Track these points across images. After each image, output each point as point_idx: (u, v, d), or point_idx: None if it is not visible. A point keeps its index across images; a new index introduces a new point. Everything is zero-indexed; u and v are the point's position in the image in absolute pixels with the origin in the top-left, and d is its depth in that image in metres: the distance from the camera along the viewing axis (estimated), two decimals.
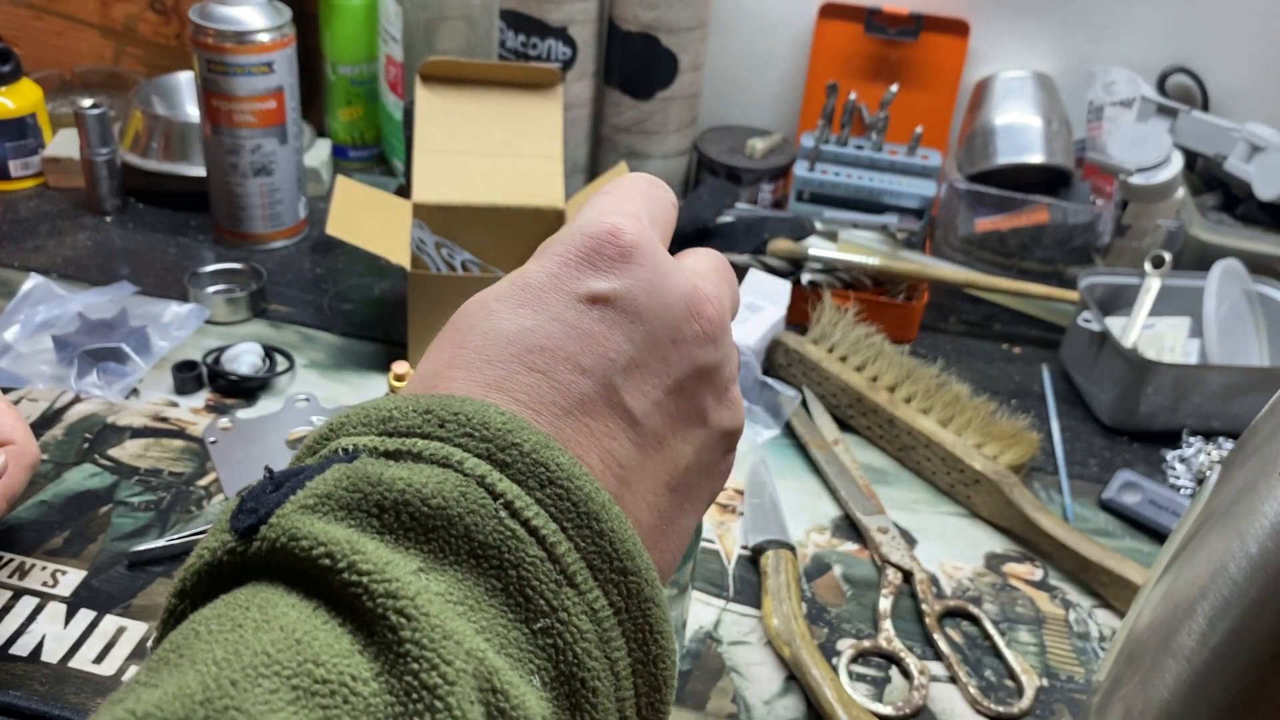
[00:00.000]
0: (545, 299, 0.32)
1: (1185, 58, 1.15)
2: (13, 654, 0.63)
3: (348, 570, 0.25)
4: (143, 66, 1.25)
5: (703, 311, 0.33)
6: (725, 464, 0.36)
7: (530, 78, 0.97)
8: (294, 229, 1.06)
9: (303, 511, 0.27)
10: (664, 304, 0.32)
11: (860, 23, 1.17)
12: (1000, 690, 0.67)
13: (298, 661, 0.24)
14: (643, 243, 0.33)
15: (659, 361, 0.32)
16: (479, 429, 0.28)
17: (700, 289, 0.33)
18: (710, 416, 0.34)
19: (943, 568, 0.76)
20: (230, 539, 0.27)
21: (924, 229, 1.10)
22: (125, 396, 0.84)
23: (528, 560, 0.27)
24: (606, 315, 0.32)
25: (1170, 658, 0.45)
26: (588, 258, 0.32)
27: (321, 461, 0.29)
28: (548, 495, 0.28)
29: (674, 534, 0.34)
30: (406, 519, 0.27)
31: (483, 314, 0.32)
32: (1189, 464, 0.87)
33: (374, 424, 0.29)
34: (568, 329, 0.31)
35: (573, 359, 0.31)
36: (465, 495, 0.27)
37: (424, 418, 0.29)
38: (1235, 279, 0.97)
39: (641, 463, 0.32)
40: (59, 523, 0.72)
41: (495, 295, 0.33)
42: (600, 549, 0.28)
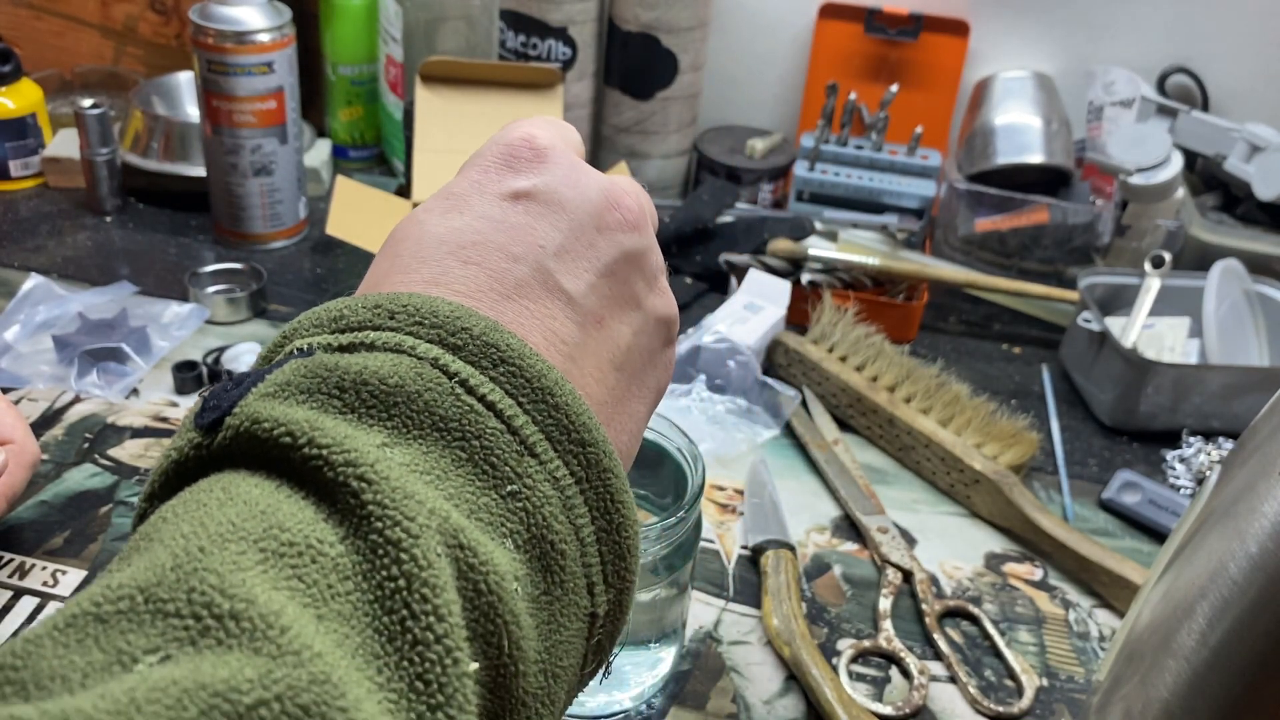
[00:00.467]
0: (470, 201, 0.34)
1: (1185, 58, 1.15)
2: None
3: (307, 445, 0.26)
4: (143, 66, 1.25)
5: (621, 201, 0.35)
6: (666, 355, 0.37)
7: (530, 78, 0.97)
8: (294, 229, 1.06)
9: (264, 399, 0.27)
10: (584, 195, 0.34)
11: (860, 23, 1.17)
12: (1000, 690, 0.67)
13: (263, 528, 0.25)
14: (556, 144, 0.35)
15: (586, 247, 0.34)
16: (428, 317, 0.29)
17: (617, 183, 0.36)
18: (644, 300, 0.36)
19: (942, 567, 0.76)
20: (195, 435, 0.28)
21: (924, 229, 1.10)
22: (125, 396, 0.84)
23: (489, 431, 0.28)
24: (531, 208, 0.34)
25: (1170, 657, 0.45)
26: (506, 161, 0.35)
27: (279, 361, 0.29)
28: (501, 374, 0.29)
29: (627, 416, 0.35)
30: (367, 397, 0.28)
31: (413, 225, 0.34)
32: (1189, 464, 0.87)
33: (325, 324, 0.30)
34: (495, 224, 0.33)
35: (504, 249, 0.33)
36: (421, 375, 0.28)
37: (374, 312, 0.30)
38: (1235, 279, 0.97)
39: (583, 341, 0.33)
40: (59, 523, 0.72)
41: (423, 208, 0.35)
42: (557, 421, 0.29)
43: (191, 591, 0.23)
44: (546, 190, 0.34)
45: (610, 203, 0.35)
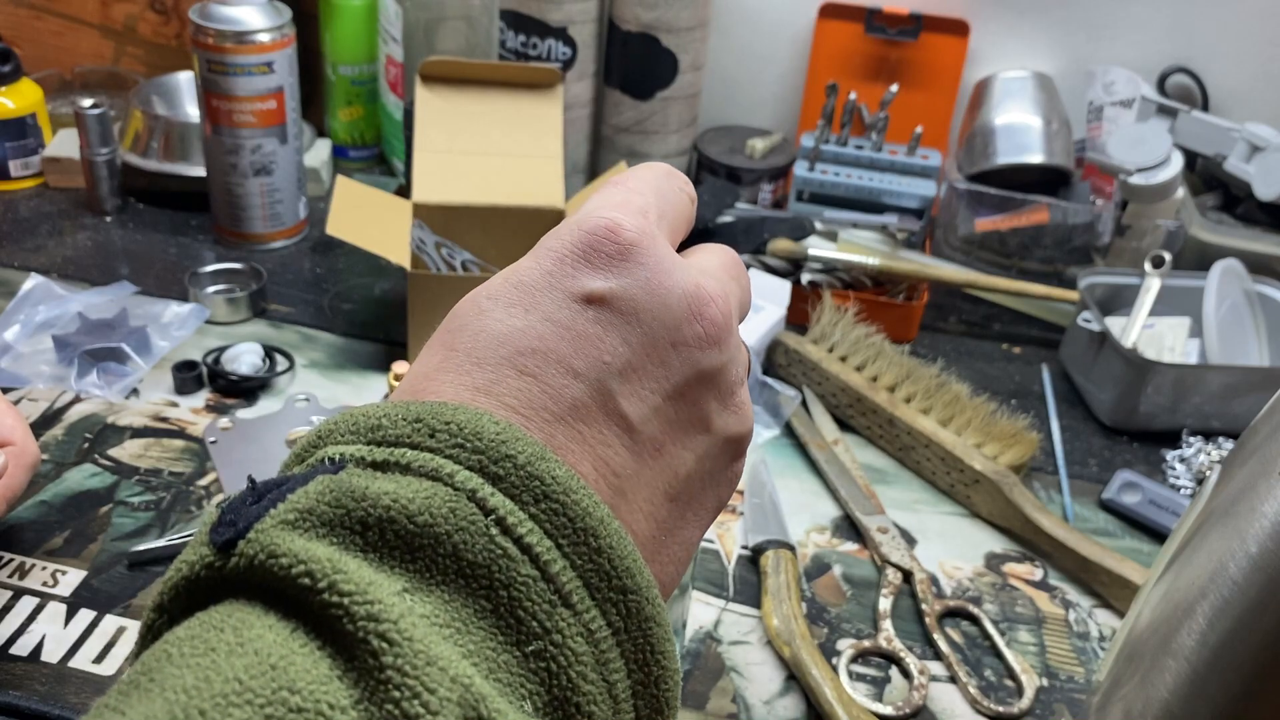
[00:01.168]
0: (538, 298, 0.30)
1: (1185, 58, 1.15)
2: (13, 654, 0.63)
3: (328, 590, 0.24)
4: (143, 66, 1.25)
5: (705, 312, 0.31)
6: (732, 471, 0.34)
7: (530, 78, 0.97)
8: (294, 229, 1.06)
9: (283, 527, 0.25)
10: (663, 304, 0.31)
11: (860, 23, 1.17)
12: (1000, 690, 0.67)
13: (272, 689, 0.23)
14: (643, 240, 0.31)
15: (657, 365, 0.31)
16: (471, 439, 0.27)
17: (704, 288, 0.32)
18: (714, 422, 0.32)
19: (942, 567, 0.76)
20: (208, 553, 0.26)
21: (924, 229, 1.10)
22: (125, 396, 0.84)
23: (519, 580, 0.26)
24: (602, 316, 0.30)
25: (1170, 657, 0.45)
26: (584, 255, 0.31)
27: (306, 471, 0.27)
28: (542, 510, 0.27)
29: (675, 545, 0.32)
30: (391, 537, 0.26)
31: (474, 314, 0.31)
32: (1189, 464, 0.87)
33: (362, 432, 0.28)
34: (560, 330, 0.30)
35: (565, 361, 0.30)
36: (455, 511, 0.26)
37: (414, 426, 0.28)
38: (1235, 279, 0.97)
39: (638, 471, 0.30)
40: (59, 523, 0.72)
41: (488, 293, 0.31)
42: (598, 566, 0.27)
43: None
44: (623, 296, 0.30)
45: (692, 313, 0.31)
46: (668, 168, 0.36)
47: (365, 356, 0.91)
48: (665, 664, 0.29)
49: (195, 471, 0.77)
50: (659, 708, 0.29)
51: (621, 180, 0.35)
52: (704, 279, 0.32)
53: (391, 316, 0.96)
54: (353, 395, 0.86)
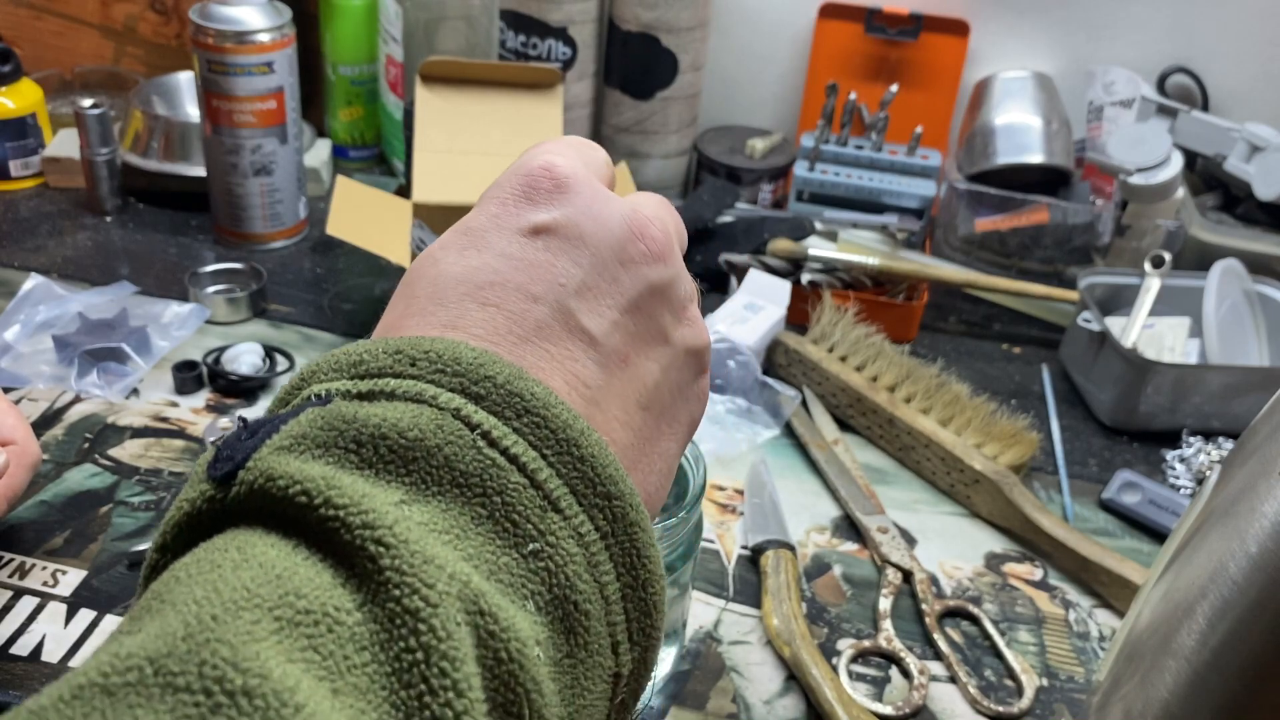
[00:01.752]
0: (488, 238, 0.32)
1: (1185, 58, 1.15)
2: (13, 654, 0.63)
3: (324, 505, 0.25)
4: (143, 66, 1.25)
5: (646, 231, 0.33)
6: (699, 386, 0.36)
7: (530, 78, 0.97)
8: (294, 229, 1.06)
9: (278, 453, 0.27)
10: (606, 227, 0.33)
11: (860, 23, 1.17)
12: (1000, 690, 0.67)
13: (279, 594, 0.24)
14: (577, 173, 0.33)
15: (609, 282, 0.33)
16: (450, 364, 0.28)
17: (640, 211, 0.34)
18: (672, 334, 0.34)
19: (942, 567, 0.76)
20: (208, 487, 0.27)
21: (924, 229, 1.10)
22: (125, 396, 0.84)
23: (510, 487, 0.27)
24: (551, 244, 0.32)
25: (1170, 657, 0.45)
26: (525, 194, 0.33)
27: (295, 408, 0.29)
28: (525, 424, 0.28)
29: (654, 456, 0.34)
30: (385, 452, 0.27)
31: (429, 264, 0.33)
32: (1189, 464, 0.87)
33: (344, 368, 0.29)
34: (514, 262, 0.32)
35: (523, 288, 0.31)
36: (442, 427, 0.27)
37: (394, 358, 0.29)
38: (1235, 279, 0.97)
39: (608, 382, 0.32)
40: (59, 523, 0.72)
41: (439, 244, 0.33)
42: (582, 474, 0.28)
43: (203, 665, 0.22)
44: (567, 224, 0.32)
45: (634, 233, 0.33)
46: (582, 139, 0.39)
47: None
48: (651, 568, 0.30)
49: None
50: (647, 610, 0.30)
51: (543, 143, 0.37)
52: (639, 206, 0.35)
53: None
54: None
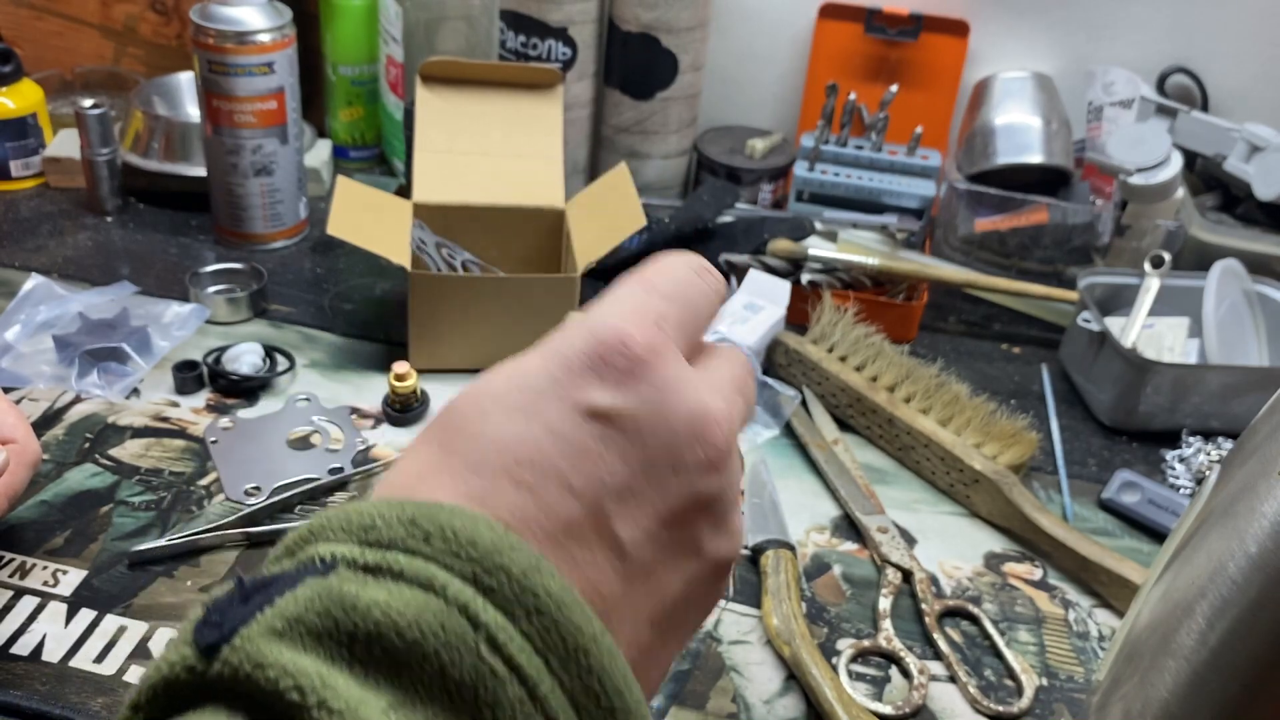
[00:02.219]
0: (541, 405, 0.30)
1: (1184, 58, 1.15)
2: (13, 653, 0.63)
3: (317, 707, 0.24)
4: (143, 67, 1.25)
5: (708, 436, 0.31)
6: (716, 591, 0.34)
7: (530, 78, 0.97)
8: (295, 229, 1.07)
9: (270, 635, 0.25)
10: (668, 426, 0.30)
11: (860, 23, 1.17)
12: (1000, 690, 0.67)
13: None
14: (653, 356, 0.30)
15: (655, 488, 0.30)
16: (466, 546, 0.27)
17: (709, 411, 0.31)
18: (705, 547, 0.32)
19: (942, 567, 0.76)
20: (190, 654, 0.25)
21: (923, 229, 1.10)
22: (126, 396, 0.84)
23: (505, 701, 0.26)
24: (604, 433, 0.30)
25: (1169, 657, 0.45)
26: (593, 365, 0.30)
27: (296, 569, 0.27)
28: (534, 626, 0.26)
29: (654, 669, 0.32)
30: (379, 652, 0.25)
31: (475, 413, 0.30)
32: (1188, 464, 0.87)
33: (354, 531, 0.27)
34: (561, 443, 0.29)
35: (563, 477, 0.29)
36: (444, 626, 0.26)
37: (408, 529, 0.27)
38: (1234, 279, 0.97)
39: (625, 595, 0.30)
40: (60, 522, 0.72)
41: (491, 392, 0.31)
42: (587, 686, 0.27)
43: None
44: (628, 416, 0.30)
45: (695, 436, 0.31)
46: (700, 263, 0.35)
47: (366, 356, 0.91)
48: None
49: (196, 471, 0.78)
50: None
51: (646, 276, 0.34)
52: (711, 399, 0.32)
53: (392, 316, 0.96)
54: (353, 395, 0.86)
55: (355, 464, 0.79)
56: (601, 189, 0.94)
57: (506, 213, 0.95)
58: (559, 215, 0.95)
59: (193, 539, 0.71)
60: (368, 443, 0.82)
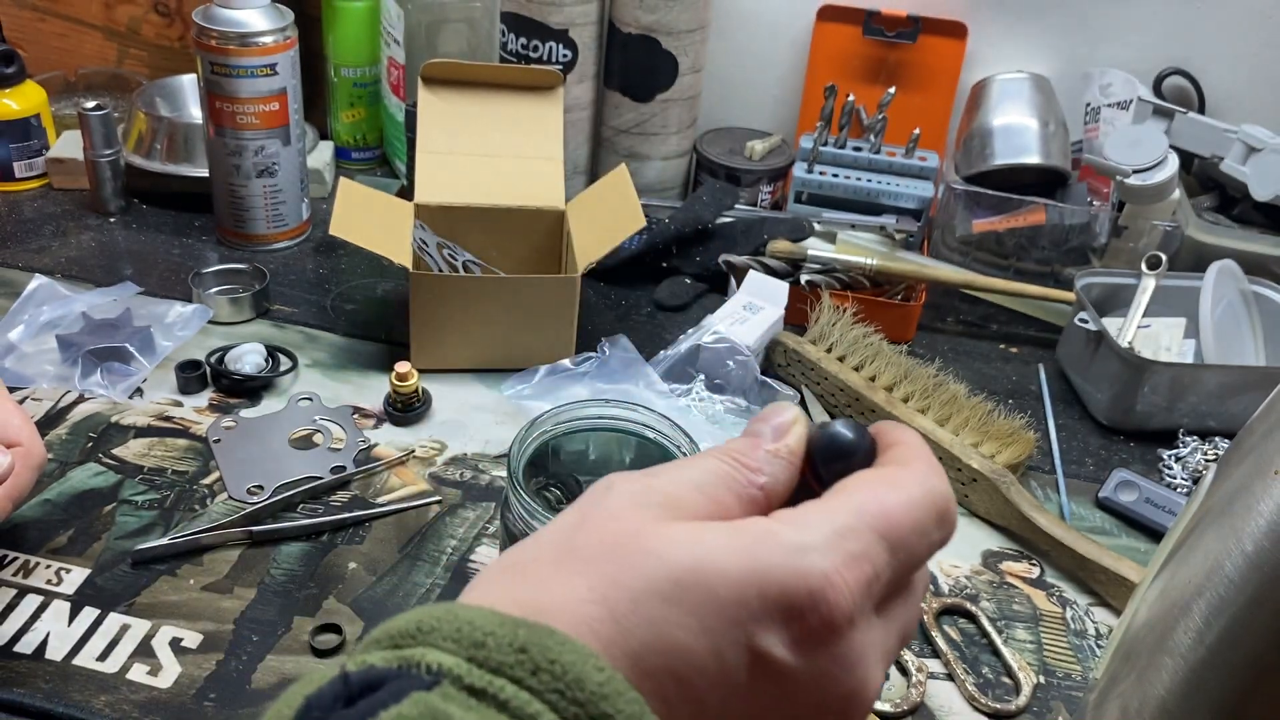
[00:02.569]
0: (721, 626, 0.28)
1: (1181, 60, 1.16)
2: (17, 652, 0.63)
3: None
4: (146, 68, 1.25)
5: (850, 715, 0.30)
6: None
7: (531, 80, 0.97)
8: (297, 230, 1.07)
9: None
10: (820, 700, 0.29)
11: (858, 25, 1.18)
12: (998, 687, 0.68)
13: None
14: (847, 628, 0.29)
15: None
16: (572, 686, 0.26)
17: (868, 687, 0.30)
18: None
19: (940, 566, 0.77)
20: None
21: (922, 230, 1.11)
22: (129, 396, 0.84)
23: None
24: (761, 684, 0.29)
25: (1166, 655, 0.45)
26: (785, 612, 0.29)
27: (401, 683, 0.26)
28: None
29: None
30: None
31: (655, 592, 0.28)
32: (1185, 463, 0.88)
33: (464, 645, 0.27)
34: (719, 675, 0.28)
35: (703, 704, 0.28)
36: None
37: (517, 657, 0.26)
38: (1231, 279, 0.97)
39: None
40: (63, 521, 0.72)
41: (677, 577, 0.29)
42: None
43: None
44: (794, 678, 0.29)
45: (842, 714, 0.30)
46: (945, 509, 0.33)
47: (368, 356, 0.92)
48: None
49: (199, 470, 0.78)
50: None
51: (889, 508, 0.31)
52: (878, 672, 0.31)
53: (394, 317, 0.96)
54: (355, 395, 0.87)
55: (357, 463, 0.79)
56: (602, 190, 0.95)
57: (507, 213, 0.95)
58: (559, 216, 0.96)
59: (195, 538, 0.71)
60: (369, 442, 0.82)
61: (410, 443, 0.82)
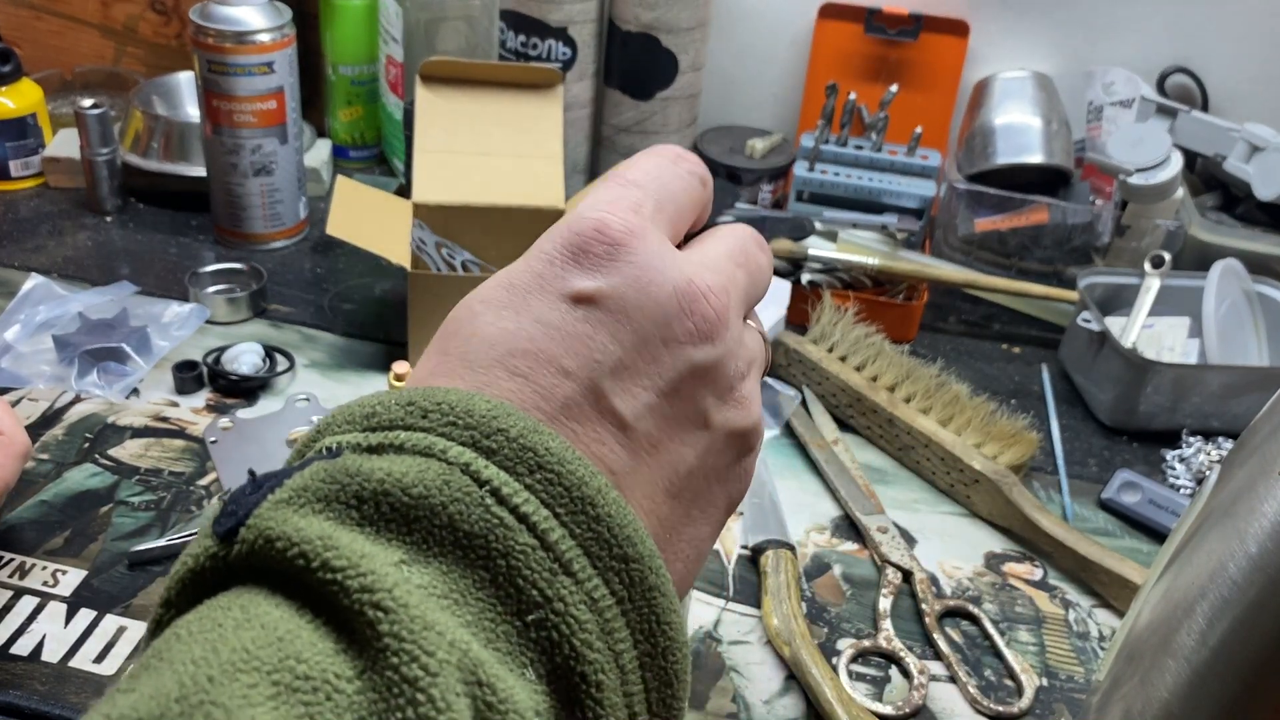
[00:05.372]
0: (529, 300, 0.31)
1: (1184, 58, 1.15)
2: (13, 653, 0.63)
3: (321, 568, 0.24)
4: (143, 67, 1.25)
5: (696, 308, 0.31)
6: (741, 467, 0.34)
7: (530, 78, 0.97)
8: (294, 229, 1.06)
9: (278, 507, 0.26)
10: (653, 300, 0.31)
11: (860, 23, 1.17)
12: (1000, 690, 0.67)
13: (279, 658, 0.23)
14: (631, 238, 0.31)
15: (649, 362, 0.31)
16: (463, 416, 0.27)
17: (696, 283, 0.31)
18: (713, 418, 0.32)
19: (942, 567, 0.76)
20: (211, 544, 0.26)
21: (923, 229, 1.10)
22: (126, 396, 0.84)
23: (517, 549, 0.26)
24: (591, 315, 0.30)
25: (1170, 657, 0.45)
26: (573, 255, 0.31)
27: (304, 461, 0.28)
28: (538, 480, 0.27)
29: (683, 543, 0.32)
30: (386, 509, 0.26)
31: (466, 318, 0.32)
32: (1188, 464, 0.87)
33: (357, 420, 0.29)
34: (550, 330, 0.30)
35: (556, 361, 0.30)
36: (449, 483, 0.26)
37: (406, 410, 0.28)
38: (1234, 279, 0.97)
39: (634, 468, 0.30)
40: (59, 522, 0.72)
41: (480, 298, 0.32)
42: (597, 535, 0.27)
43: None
44: (612, 294, 0.30)
45: (683, 309, 0.31)
46: (676, 151, 0.36)
47: (365, 356, 0.91)
48: (672, 634, 0.29)
49: (196, 471, 0.77)
50: (667, 679, 0.29)
51: (620, 172, 0.34)
52: (700, 272, 0.32)
53: (392, 316, 0.96)
54: (353, 395, 0.86)
55: None
56: None
57: (506, 212, 0.95)
58: (559, 215, 0.95)
59: (192, 539, 0.70)
60: None
61: None
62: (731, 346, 0.33)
